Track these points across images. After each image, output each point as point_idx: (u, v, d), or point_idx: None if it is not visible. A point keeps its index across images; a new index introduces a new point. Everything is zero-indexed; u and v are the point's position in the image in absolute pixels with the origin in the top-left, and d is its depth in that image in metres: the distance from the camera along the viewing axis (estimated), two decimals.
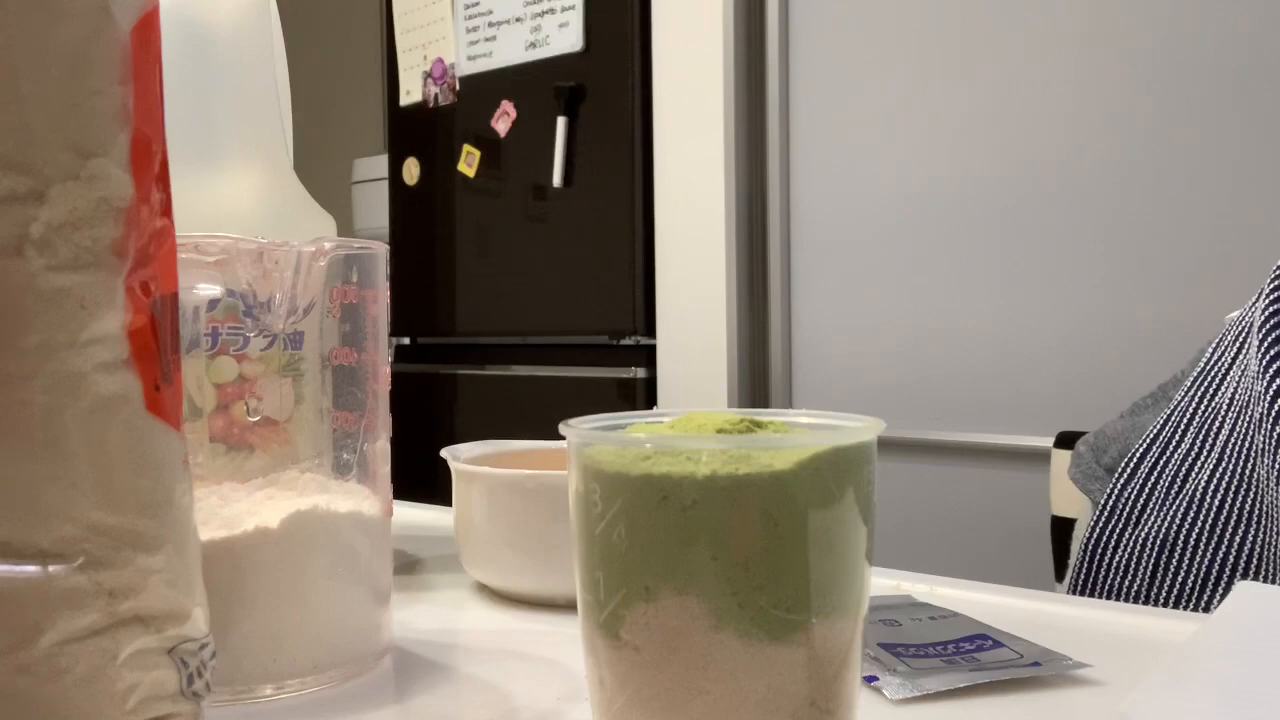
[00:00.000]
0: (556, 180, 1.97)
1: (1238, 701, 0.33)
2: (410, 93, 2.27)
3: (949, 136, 1.62)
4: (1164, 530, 0.61)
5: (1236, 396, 0.62)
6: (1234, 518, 0.59)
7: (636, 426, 0.34)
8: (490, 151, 2.12)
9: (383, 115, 2.69)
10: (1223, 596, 0.58)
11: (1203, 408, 0.65)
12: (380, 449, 0.43)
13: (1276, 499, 0.59)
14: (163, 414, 0.28)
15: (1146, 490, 0.64)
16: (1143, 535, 0.63)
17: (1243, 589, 0.38)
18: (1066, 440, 0.85)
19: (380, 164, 2.54)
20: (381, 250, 0.42)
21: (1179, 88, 1.43)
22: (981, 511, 1.60)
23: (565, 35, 1.98)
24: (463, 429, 2.23)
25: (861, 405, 1.71)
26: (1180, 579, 0.60)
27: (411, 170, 2.28)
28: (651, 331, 1.91)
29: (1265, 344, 0.61)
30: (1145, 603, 0.60)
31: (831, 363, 1.76)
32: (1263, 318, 0.62)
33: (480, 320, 2.20)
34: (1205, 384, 0.66)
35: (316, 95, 2.98)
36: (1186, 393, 0.67)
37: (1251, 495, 0.59)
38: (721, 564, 0.28)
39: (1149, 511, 0.63)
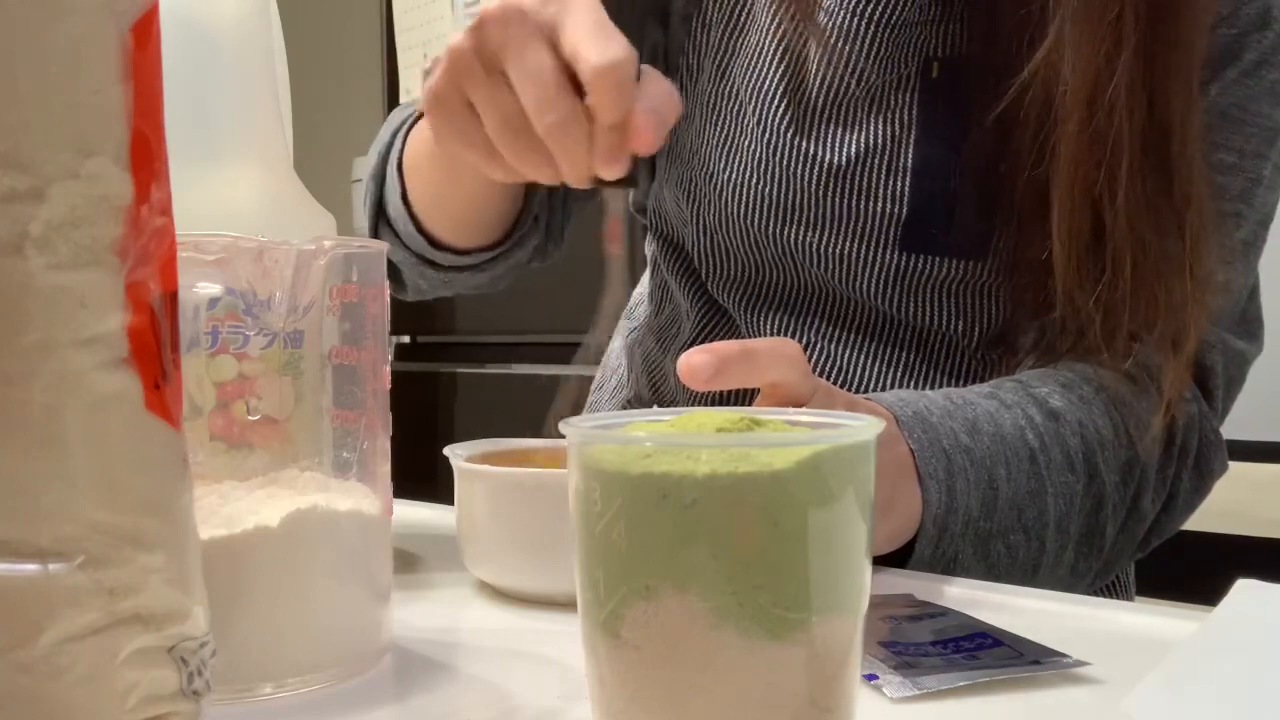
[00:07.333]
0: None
1: (1238, 701, 0.33)
2: (410, 92, 2.27)
3: None
4: None
5: None
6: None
7: (636, 425, 0.34)
8: None
9: (383, 115, 2.68)
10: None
11: None
12: (380, 448, 0.42)
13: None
14: (163, 413, 0.28)
15: None
16: None
17: (1242, 587, 0.38)
18: None
19: None
20: (382, 248, 0.42)
21: None
22: None
23: None
24: (463, 428, 2.23)
25: None
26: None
27: None
28: None
29: None
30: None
31: None
32: None
33: (480, 319, 2.20)
34: None
35: (316, 95, 2.98)
36: None
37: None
38: (721, 563, 0.28)
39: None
